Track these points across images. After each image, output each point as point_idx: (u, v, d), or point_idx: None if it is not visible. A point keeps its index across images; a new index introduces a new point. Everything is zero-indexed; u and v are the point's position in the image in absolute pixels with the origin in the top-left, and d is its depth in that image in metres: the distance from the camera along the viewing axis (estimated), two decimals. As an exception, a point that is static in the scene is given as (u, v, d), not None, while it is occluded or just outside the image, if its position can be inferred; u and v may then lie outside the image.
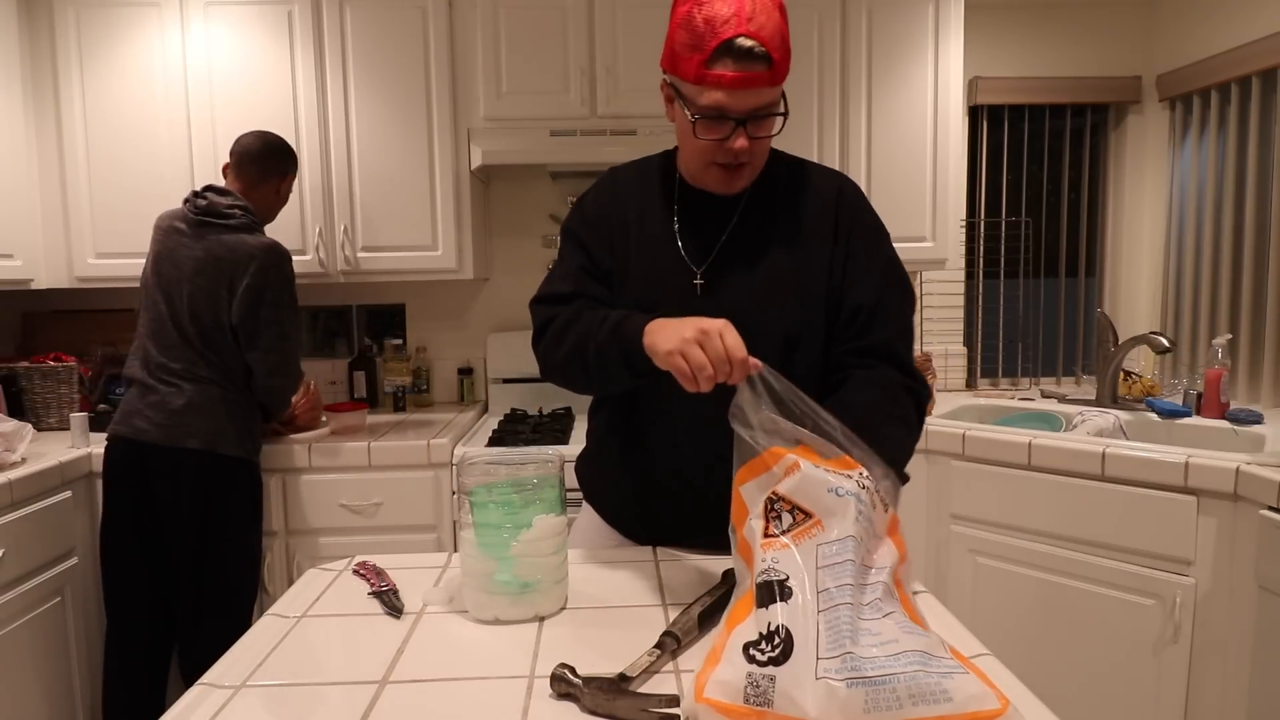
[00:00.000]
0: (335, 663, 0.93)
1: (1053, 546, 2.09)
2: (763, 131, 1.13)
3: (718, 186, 1.20)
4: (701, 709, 0.77)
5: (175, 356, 2.01)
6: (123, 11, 2.44)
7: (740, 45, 1.04)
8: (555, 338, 1.20)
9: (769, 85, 1.07)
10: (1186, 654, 1.90)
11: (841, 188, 1.26)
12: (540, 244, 2.95)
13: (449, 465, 2.29)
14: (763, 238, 1.23)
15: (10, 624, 1.91)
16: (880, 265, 1.23)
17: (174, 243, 2.06)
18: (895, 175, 2.63)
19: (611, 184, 1.31)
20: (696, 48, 1.06)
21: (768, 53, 1.05)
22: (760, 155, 1.17)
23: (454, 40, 2.51)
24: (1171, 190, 2.93)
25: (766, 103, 1.10)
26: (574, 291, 1.24)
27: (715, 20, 1.04)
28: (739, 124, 1.10)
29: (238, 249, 2.02)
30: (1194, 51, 2.79)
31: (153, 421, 1.97)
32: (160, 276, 2.05)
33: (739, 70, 1.05)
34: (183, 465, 1.97)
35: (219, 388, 2.02)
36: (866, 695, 0.73)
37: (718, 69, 1.06)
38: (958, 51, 2.60)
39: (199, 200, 2.07)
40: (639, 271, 1.25)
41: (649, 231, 1.26)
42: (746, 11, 1.04)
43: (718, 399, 1.13)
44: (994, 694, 0.75)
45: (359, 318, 2.94)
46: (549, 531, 1.02)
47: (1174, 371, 2.88)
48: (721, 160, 1.15)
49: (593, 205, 1.30)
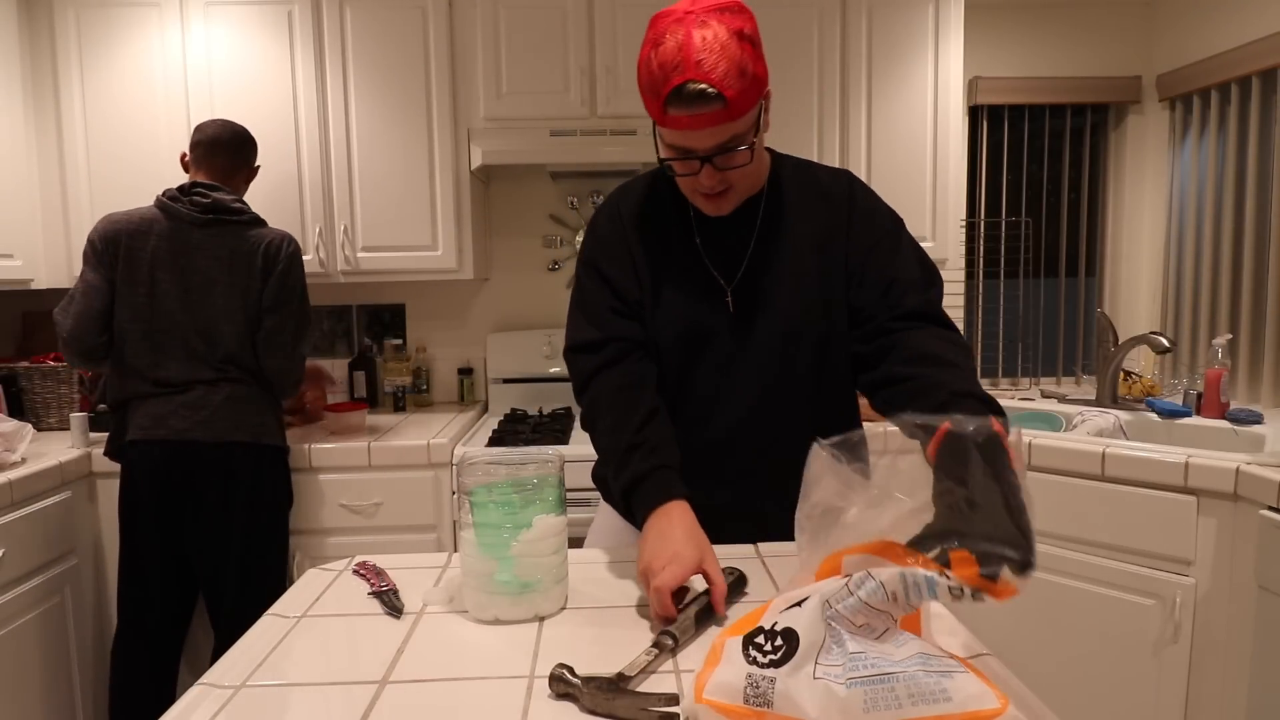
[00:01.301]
0: (335, 663, 0.93)
1: (1052, 546, 2.09)
2: (731, 163, 1.13)
3: (709, 210, 1.21)
4: (701, 709, 0.77)
5: (206, 360, 2.01)
6: (123, 11, 2.44)
7: (689, 90, 1.04)
8: (590, 412, 1.23)
9: (727, 121, 1.07)
10: (1186, 654, 1.90)
11: (852, 186, 1.27)
12: (540, 244, 2.95)
13: (449, 465, 2.29)
14: (783, 246, 1.24)
15: (10, 624, 1.91)
16: (904, 246, 1.25)
17: (180, 246, 1.99)
18: (895, 175, 2.63)
19: (618, 214, 1.29)
20: (654, 93, 1.08)
21: (719, 92, 1.04)
22: (742, 179, 1.18)
23: (454, 40, 2.51)
24: (1171, 190, 2.93)
25: (728, 138, 1.10)
26: (604, 338, 1.24)
27: (666, 65, 1.05)
28: (705, 160, 1.11)
29: (260, 242, 2.04)
30: (1194, 51, 2.79)
31: (194, 420, 1.97)
32: (178, 284, 1.99)
33: (690, 113, 1.06)
34: (233, 458, 2.00)
35: (253, 385, 2.06)
36: (866, 695, 0.73)
37: (672, 113, 1.07)
38: (958, 51, 2.60)
39: (198, 198, 2.02)
40: (671, 297, 1.25)
41: (674, 255, 1.26)
42: (695, 55, 1.04)
43: (754, 411, 1.20)
44: (993, 693, 0.75)
45: (359, 318, 2.94)
46: (549, 531, 1.02)
47: (1174, 371, 2.88)
48: (701, 190, 1.17)
49: (609, 232, 1.29)
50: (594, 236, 1.30)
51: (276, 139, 2.48)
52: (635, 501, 1.12)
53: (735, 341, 1.24)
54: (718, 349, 1.25)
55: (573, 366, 1.27)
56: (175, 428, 1.97)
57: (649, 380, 1.23)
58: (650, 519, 1.08)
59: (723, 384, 1.25)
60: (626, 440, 1.15)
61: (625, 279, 1.25)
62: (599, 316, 1.25)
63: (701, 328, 1.24)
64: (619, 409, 1.19)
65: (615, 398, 1.20)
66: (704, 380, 1.26)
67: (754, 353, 1.24)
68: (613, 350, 1.23)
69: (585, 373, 1.24)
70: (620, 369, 1.22)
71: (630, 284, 1.25)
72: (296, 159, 2.50)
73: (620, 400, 1.20)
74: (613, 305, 1.25)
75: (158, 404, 1.99)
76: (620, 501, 1.16)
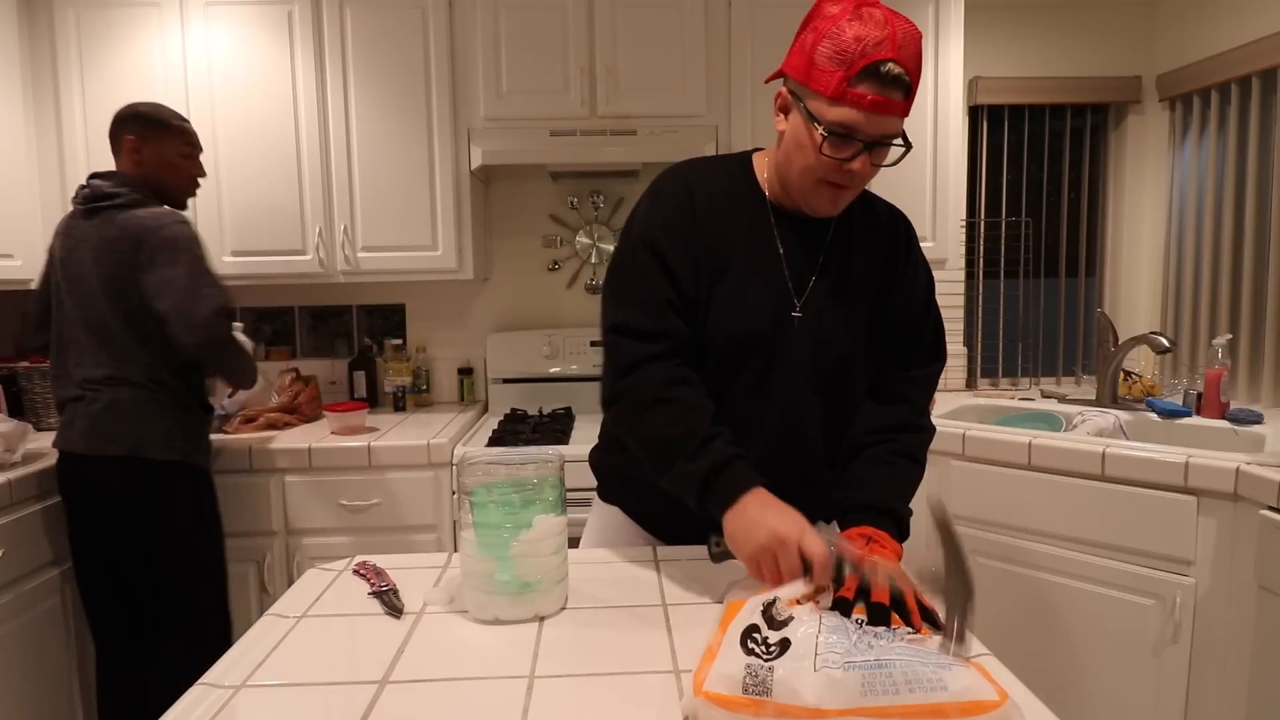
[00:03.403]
0: (335, 663, 0.93)
1: (1053, 546, 2.09)
2: (883, 159, 1.12)
3: (824, 206, 1.16)
4: (700, 703, 0.77)
5: (96, 362, 1.88)
6: (123, 11, 2.44)
7: (889, 71, 1.03)
8: (639, 406, 1.15)
9: (902, 114, 1.07)
10: (1186, 654, 1.90)
11: (907, 227, 1.29)
12: (540, 244, 2.95)
13: (449, 465, 2.29)
14: (845, 268, 1.23)
15: (10, 624, 1.91)
16: (931, 311, 1.30)
17: (71, 241, 1.91)
18: (895, 175, 2.61)
19: (688, 195, 1.20)
20: (842, 63, 1.03)
21: (910, 83, 1.05)
22: (867, 181, 1.15)
23: (454, 40, 2.51)
24: (1171, 190, 2.93)
25: (895, 130, 1.09)
26: (661, 330, 1.17)
27: (867, 40, 1.02)
28: (866, 147, 1.08)
29: (128, 224, 1.85)
30: (1194, 51, 2.79)
31: (80, 430, 1.87)
32: (67, 280, 1.90)
33: (881, 94, 1.04)
34: (112, 473, 1.86)
35: (145, 389, 1.88)
36: (864, 678, 0.74)
37: (861, 88, 1.04)
38: (958, 51, 2.60)
39: (83, 190, 1.92)
40: (737, 300, 1.19)
41: (754, 257, 1.20)
42: (899, 38, 1.03)
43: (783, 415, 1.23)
44: (992, 687, 0.76)
45: (359, 318, 2.94)
46: (549, 531, 1.02)
47: (1174, 371, 2.88)
48: (835, 179, 1.12)
49: (676, 214, 1.20)
50: (657, 213, 1.20)
51: (276, 139, 2.48)
52: (719, 485, 1.07)
53: (790, 357, 1.20)
54: (767, 360, 1.20)
55: (617, 348, 1.19)
56: (68, 438, 1.90)
57: (699, 382, 1.19)
58: (745, 499, 1.05)
59: (756, 399, 1.21)
60: (703, 430, 1.10)
61: (687, 272, 1.18)
62: (657, 307, 1.17)
63: (761, 335, 1.19)
64: (683, 401, 1.14)
65: (676, 390, 1.15)
66: (739, 392, 1.21)
67: (805, 371, 1.21)
68: (666, 345, 1.17)
69: (634, 357, 1.17)
70: (674, 364, 1.17)
71: (690, 279, 1.18)
72: (296, 159, 2.50)
73: (682, 393, 1.15)
74: (671, 300, 1.17)
75: (66, 411, 1.93)
76: (694, 486, 1.09)
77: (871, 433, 1.24)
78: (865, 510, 1.14)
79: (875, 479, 1.19)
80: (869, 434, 1.24)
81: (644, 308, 1.18)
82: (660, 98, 2.52)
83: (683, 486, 1.11)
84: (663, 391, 1.14)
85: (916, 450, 1.25)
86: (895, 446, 1.22)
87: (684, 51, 2.51)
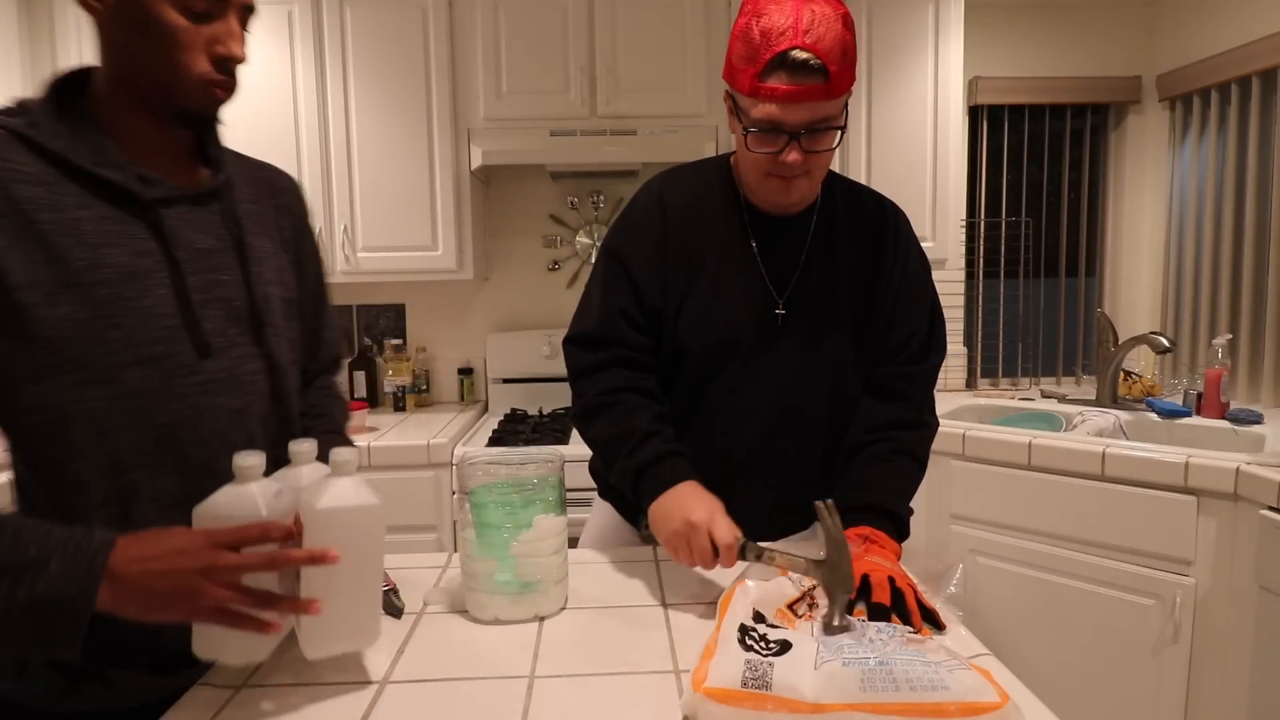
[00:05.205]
0: (336, 663, 0.93)
1: (1053, 546, 2.09)
2: (818, 145, 1.10)
3: (776, 197, 1.17)
4: (699, 699, 0.77)
5: None
6: (123, 11, 2.44)
7: (794, 58, 1.01)
8: (586, 412, 1.21)
9: (824, 98, 1.05)
10: (1186, 654, 1.90)
11: (896, 215, 1.27)
12: (540, 244, 2.95)
13: (449, 465, 2.29)
14: (830, 265, 1.22)
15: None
16: (927, 299, 1.27)
17: None
18: (895, 175, 2.62)
19: (660, 206, 1.22)
20: (751, 60, 1.04)
21: (824, 65, 1.02)
22: (818, 168, 1.14)
23: (454, 40, 2.51)
24: (1171, 190, 2.93)
25: (822, 116, 1.07)
26: (609, 337, 1.21)
27: (771, 32, 1.02)
28: (792, 137, 1.07)
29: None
30: (1194, 51, 2.79)
31: None
32: None
33: (792, 84, 1.03)
34: None
35: None
36: (863, 674, 0.74)
37: (771, 81, 1.03)
38: (958, 51, 2.60)
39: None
40: (713, 299, 1.20)
41: (729, 259, 1.20)
42: (804, 23, 1.01)
43: (770, 433, 1.24)
44: (994, 689, 0.75)
45: (359, 318, 2.94)
46: (549, 531, 1.02)
47: (1174, 371, 2.88)
48: (775, 171, 1.12)
49: (644, 225, 1.22)
50: (628, 225, 1.23)
51: (276, 139, 2.48)
52: (649, 478, 1.11)
53: (775, 358, 1.21)
54: (748, 362, 1.20)
55: (568, 356, 1.26)
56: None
57: (652, 386, 1.22)
58: (671, 490, 1.09)
59: (740, 402, 1.22)
60: (643, 428, 1.14)
61: (650, 282, 1.20)
62: (609, 316, 1.21)
63: (741, 337, 1.20)
64: (624, 404, 1.18)
65: (618, 395, 1.19)
66: (720, 395, 1.22)
67: (794, 368, 1.21)
68: (613, 353, 1.21)
69: (580, 365, 1.23)
70: (620, 370, 1.21)
71: (657, 290, 1.20)
72: (296, 159, 2.49)
73: (623, 397, 1.19)
74: (625, 309, 1.20)
75: None
76: (629, 481, 1.14)
77: (870, 431, 1.23)
78: (863, 511, 1.14)
79: (874, 478, 1.19)
80: (868, 432, 1.23)
81: (599, 317, 1.22)
82: (660, 98, 2.52)
83: (623, 481, 1.17)
84: (606, 397, 1.19)
85: (917, 448, 1.24)
86: (895, 445, 1.22)
87: (684, 51, 2.51)
